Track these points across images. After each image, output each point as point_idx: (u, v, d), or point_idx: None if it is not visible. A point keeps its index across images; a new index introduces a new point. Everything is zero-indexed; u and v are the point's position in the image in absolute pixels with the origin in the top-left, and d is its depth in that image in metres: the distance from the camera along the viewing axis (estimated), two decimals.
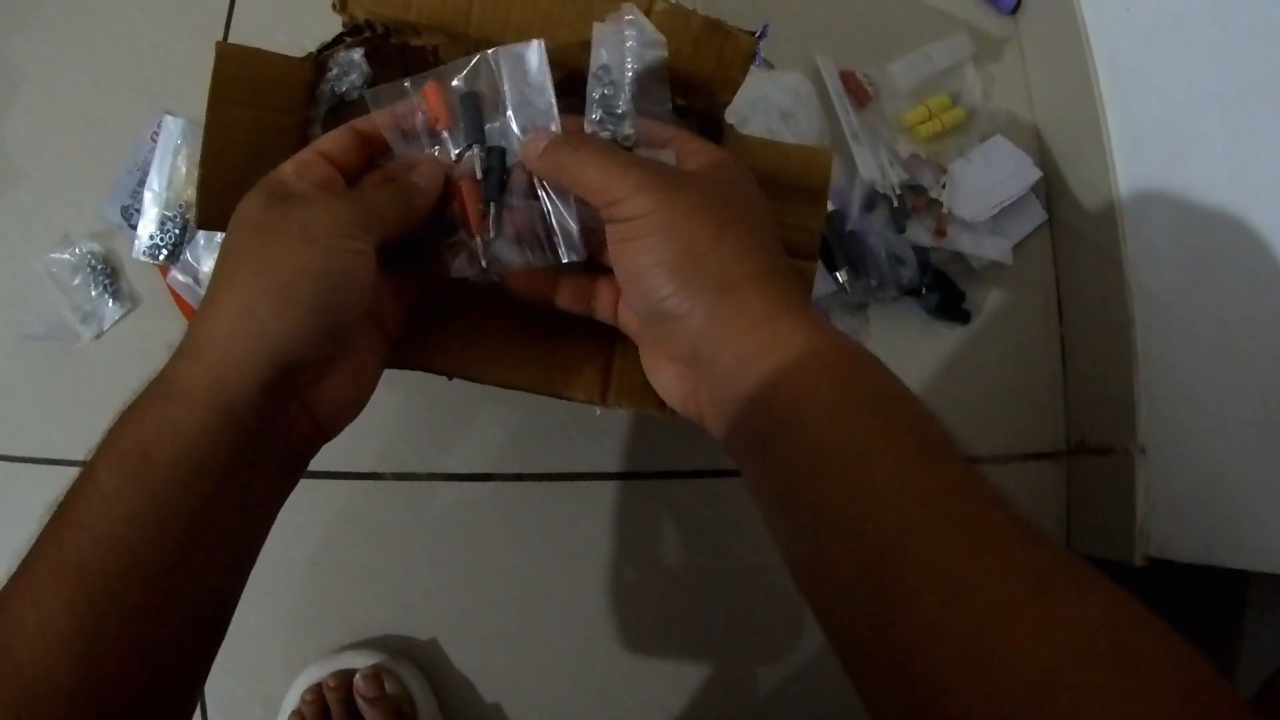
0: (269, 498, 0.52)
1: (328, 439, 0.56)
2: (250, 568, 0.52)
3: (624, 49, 0.59)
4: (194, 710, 0.49)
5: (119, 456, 0.46)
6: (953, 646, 0.37)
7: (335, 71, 0.67)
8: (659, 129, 0.58)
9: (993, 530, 0.40)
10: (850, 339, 0.49)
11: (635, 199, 0.50)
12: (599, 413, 0.98)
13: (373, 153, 0.58)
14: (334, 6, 0.64)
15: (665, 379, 0.56)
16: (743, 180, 0.54)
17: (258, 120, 0.62)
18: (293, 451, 0.53)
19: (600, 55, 0.59)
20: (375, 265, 0.52)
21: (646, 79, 0.59)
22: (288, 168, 0.53)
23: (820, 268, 1.02)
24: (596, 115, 0.58)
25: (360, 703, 0.90)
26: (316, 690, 0.92)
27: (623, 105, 0.58)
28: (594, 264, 0.60)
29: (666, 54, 0.60)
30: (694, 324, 0.50)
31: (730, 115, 0.69)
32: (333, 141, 0.56)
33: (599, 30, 0.59)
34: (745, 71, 0.65)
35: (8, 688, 0.41)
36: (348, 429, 0.96)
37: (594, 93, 0.59)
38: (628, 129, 0.58)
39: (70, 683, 0.42)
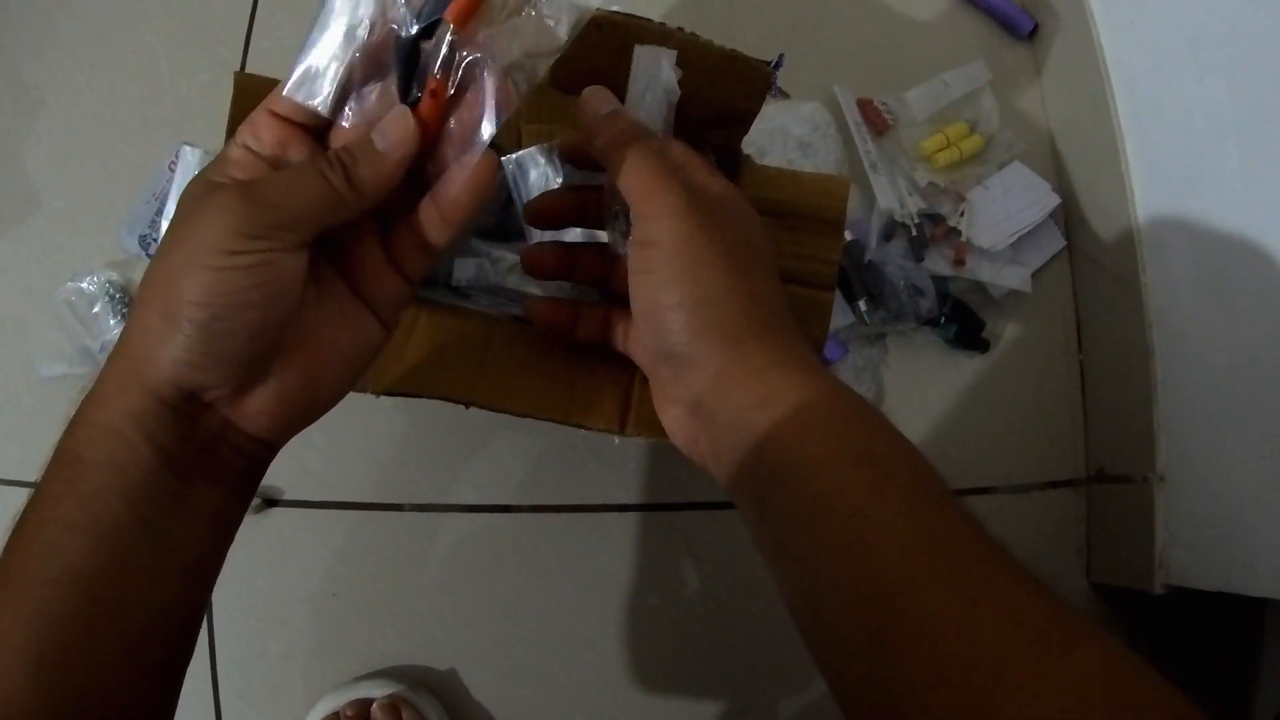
0: (212, 507, 0.48)
1: (276, 448, 0.51)
2: (210, 580, 0.49)
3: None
4: None
5: (57, 463, 0.45)
6: (947, 700, 0.37)
7: None
8: (679, 151, 0.55)
9: (988, 582, 0.40)
10: (849, 389, 0.49)
11: (663, 222, 0.49)
12: (617, 442, 0.98)
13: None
14: None
15: (670, 419, 0.56)
16: (752, 219, 0.54)
17: None
18: (229, 463, 0.48)
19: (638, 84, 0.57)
20: (288, 272, 0.44)
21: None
22: (240, 136, 0.47)
23: (839, 298, 1.02)
24: None
25: None
26: (334, 719, 0.92)
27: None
28: (612, 296, 0.60)
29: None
30: (698, 373, 0.50)
31: (748, 146, 0.69)
32: (263, 120, 0.48)
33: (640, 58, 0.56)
34: (761, 101, 0.65)
35: None
36: (369, 462, 0.99)
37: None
38: None
39: (26, 695, 0.41)
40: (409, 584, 0.99)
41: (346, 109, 0.47)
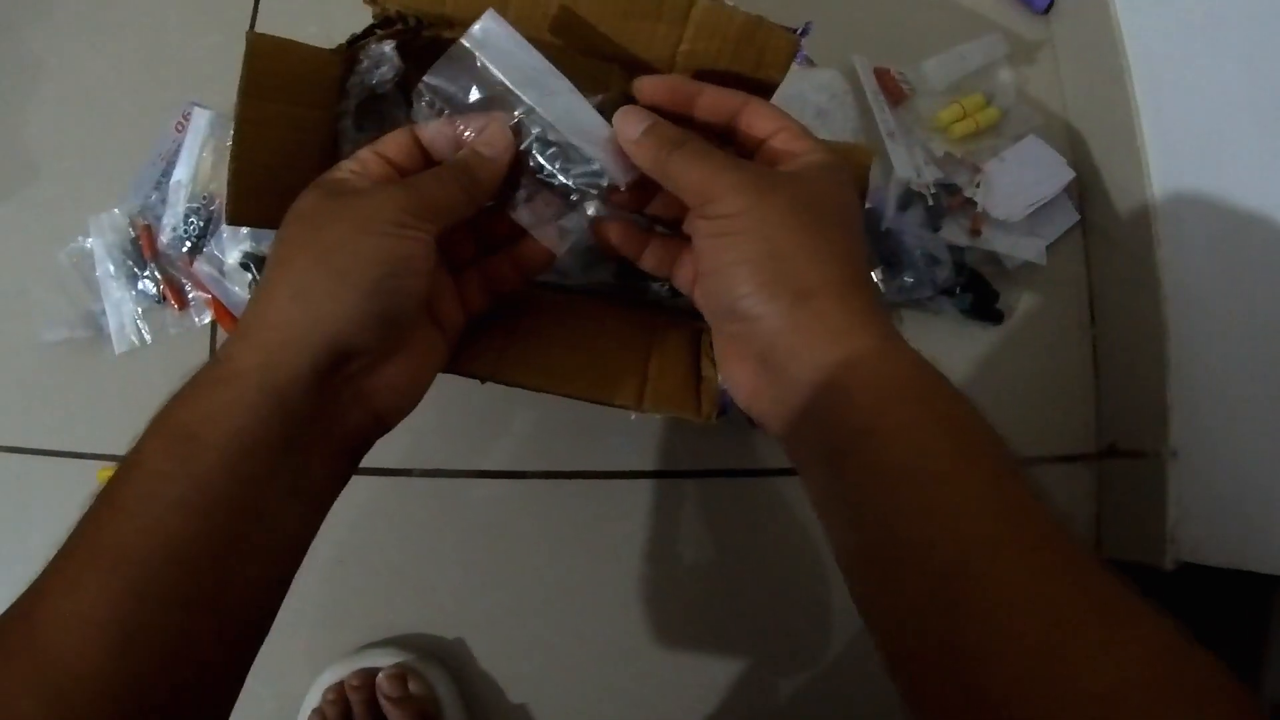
0: (321, 489, 0.51)
1: (384, 431, 0.55)
2: (298, 564, 0.51)
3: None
4: (230, 712, 0.48)
5: (166, 439, 0.45)
6: (1019, 661, 0.38)
7: (366, 64, 0.66)
8: (767, 118, 0.56)
9: (1060, 553, 0.41)
10: (925, 359, 0.49)
11: (729, 198, 0.50)
12: (634, 417, 0.97)
13: (432, 157, 0.57)
14: None
15: (736, 373, 0.55)
16: (842, 185, 0.54)
17: (289, 115, 0.61)
18: (347, 441, 0.52)
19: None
20: (433, 253, 0.52)
21: None
22: (345, 165, 0.54)
23: None
24: None
25: (384, 703, 0.89)
26: (339, 689, 0.91)
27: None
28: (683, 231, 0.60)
29: None
30: (767, 327, 0.50)
31: None
32: (392, 143, 0.56)
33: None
34: (786, 70, 0.64)
35: (39, 677, 0.40)
36: None
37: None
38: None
39: (107, 673, 0.40)
40: (417, 551, 0.99)
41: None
